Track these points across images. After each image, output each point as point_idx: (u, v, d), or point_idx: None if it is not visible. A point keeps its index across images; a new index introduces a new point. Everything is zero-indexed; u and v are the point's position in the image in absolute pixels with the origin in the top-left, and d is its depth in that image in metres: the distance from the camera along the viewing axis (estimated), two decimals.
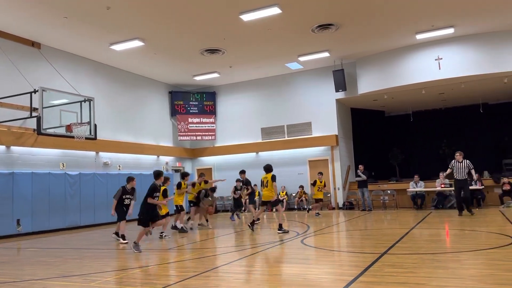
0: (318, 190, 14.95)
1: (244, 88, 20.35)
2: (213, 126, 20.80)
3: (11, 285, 5.73)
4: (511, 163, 19.55)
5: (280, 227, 10.27)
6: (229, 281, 5.52)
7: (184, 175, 12.11)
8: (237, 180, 13.70)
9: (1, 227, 12.13)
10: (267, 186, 10.52)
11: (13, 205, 12.54)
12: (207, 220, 12.92)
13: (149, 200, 8.55)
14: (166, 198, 9.73)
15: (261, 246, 8.32)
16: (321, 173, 15.45)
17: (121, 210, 9.98)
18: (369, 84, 17.10)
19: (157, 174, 8.92)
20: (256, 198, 16.27)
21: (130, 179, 10.18)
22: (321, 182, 14.93)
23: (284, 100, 19.41)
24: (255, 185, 15.54)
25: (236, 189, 13.74)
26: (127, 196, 10.07)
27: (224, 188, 19.90)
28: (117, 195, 9.96)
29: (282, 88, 19.51)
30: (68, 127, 12.29)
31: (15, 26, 12.71)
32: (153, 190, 8.64)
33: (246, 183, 13.61)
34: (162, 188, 9.43)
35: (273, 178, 10.48)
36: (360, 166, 16.62)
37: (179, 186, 11.77)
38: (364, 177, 16.26)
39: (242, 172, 13.77)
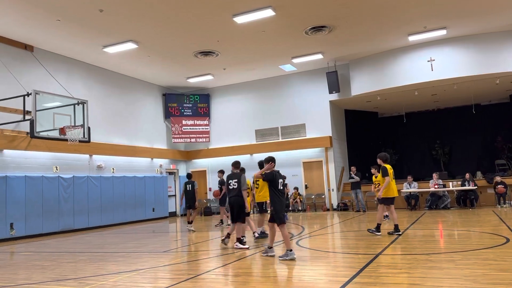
0: None
1: (238, 90, 20.36)
2: (207, 128, 20.79)
3: None
4: (503, 163, 19.73)
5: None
6: (223, 283, 5.52)
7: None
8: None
9: None
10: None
11: (6, 209, 12.45)
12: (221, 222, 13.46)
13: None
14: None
15: (256, 248, 8.33)
16: None
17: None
18: (362, 85, 17.18)
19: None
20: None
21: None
22: None
23: (278, 102, 19.45)
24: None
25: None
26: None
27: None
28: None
29: (276, 90, 19.55)
30: (62, 130, 12.25)
31: (8, 29, 12.64)
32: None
33: (221, 183, 12.81)
34: None
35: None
36: (352, 167, 16.70)
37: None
38: (357, 178, 16.34)
39: (220, 171, 13.20)
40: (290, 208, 18.41)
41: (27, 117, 11.97)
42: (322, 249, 7.76)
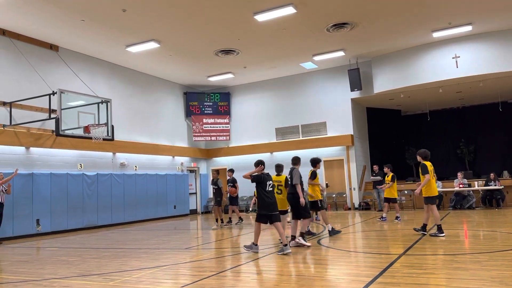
0: None
1: (259, 88, 20.36)
2: (228, 127, 20.86)
3: (34, 283, 5.84)
4: None
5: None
6: (246, 281, 5.53)
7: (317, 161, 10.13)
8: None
9: (21, 227, 12.37)
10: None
11: (33, 205, 12.78)
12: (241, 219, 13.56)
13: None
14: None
15: (277, 246, 8.31)
16: None
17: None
18: (385, 83, 16.94)
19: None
20: None
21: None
22: None
23: (298, 100, 19.36)
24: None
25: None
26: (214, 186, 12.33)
27: (240, 188, 19.94)
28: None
29: (296, 88, 19.47)
30: (86, 129, 12.47)
31: (34, 30, 12.95)
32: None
33: (233, 181, 13.10)
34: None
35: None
36: (374, 166, 16.48)
37: (313, 175, 10.04)
38: (378, 177, 16.13)
39: (231, 170, 13.44)
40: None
41: (52, 115, 12.24)
42: (344, 249, 7.69)
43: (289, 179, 8.33)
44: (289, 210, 8.67)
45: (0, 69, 12.62)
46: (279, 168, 8.51)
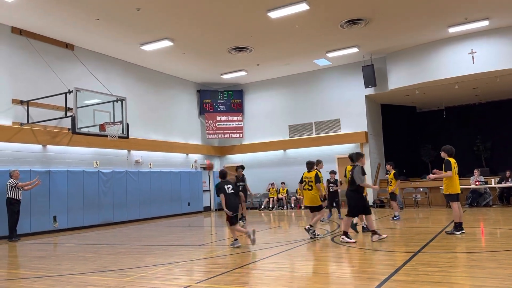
0: None
1: (272, 86, 20.34)
2: (241, 124, 20.89)
3: (51, 279, 5.95)
4: None
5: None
6: (260, 278, 5.54)
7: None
8: (331, 172, 13.37)
9: (38, 223, 12.59)
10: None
11: (50, 202, 12.99)
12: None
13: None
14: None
15: (291, 243, 8.32)
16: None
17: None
18: (400, 79, 16.76)
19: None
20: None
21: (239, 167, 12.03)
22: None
23: (312, 97, 19.28)
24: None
25: (329, 182, 13.12)
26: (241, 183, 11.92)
27: (253, 185, 19.98)
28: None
29: (310, 85, 19.39)
30: (102, 127, 12.62)
31: (50, 29, 13.14)
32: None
33: (243, 179, 12.76)
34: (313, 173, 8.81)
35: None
36: (387, 165, 16.23)
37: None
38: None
39: (240, 167, 13.02)
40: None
41: (68, 114, 12.42)
42: (358, 247, 7.65)
43: (348, 177, 8.32)
44: (325, 206, 8.79)
45: (17, 68, 12.84)
46: (309, 165, 8.95)
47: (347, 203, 8.29)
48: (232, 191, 8.29)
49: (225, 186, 8.23)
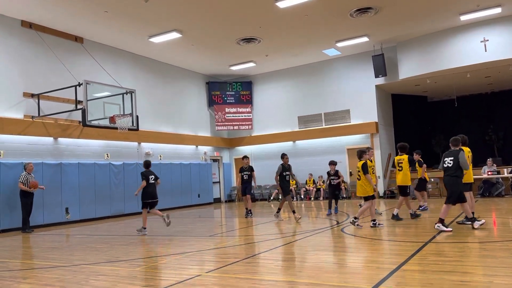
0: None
1: (281, 77, 20.25)
2: (250, 116, 20.87)
3: (63, 269, 6.03)
4: None
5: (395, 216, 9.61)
6: (269, 267, 5.56)
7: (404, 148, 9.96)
8: (331, 163, 12.00)
9: (51, 215, 12.76)
10: (401, 169, 9.54)
11: (62, 194, 13.15)
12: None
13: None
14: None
15: (301, 234, 8.32)
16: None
17: (286, 185, 10.86)
18: (411, 68, 16.57)
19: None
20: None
21: (284, 155, 11.10)
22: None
23: (321, 88, 19.16)
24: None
25: (329, 174, 11.94)
26: (287, 172, 10.89)
27: (262, 177, 20.04)
28: (278, 172, 10.80)
29: (319, 75, 19.26)
30: (112, 119, 12.68)
31: (59, 22, 13.20)
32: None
33: (250, 169, 12.43)
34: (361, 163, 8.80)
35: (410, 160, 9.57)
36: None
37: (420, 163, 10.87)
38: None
39: (245, 157, 12.66)
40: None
41: (79, 106, 12.50)
42: (368, 237, 7.63)
43: (449, 162, 7.84)
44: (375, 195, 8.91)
45: (27, 61, 12.94)
46: (358, 154, 8.96)
47: (448, 189, 7.86)
48: (153, 181, 9.73)
49: (149, 176, 9.66)
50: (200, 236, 9.00)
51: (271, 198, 19.29)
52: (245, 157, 12.67)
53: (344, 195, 17.86)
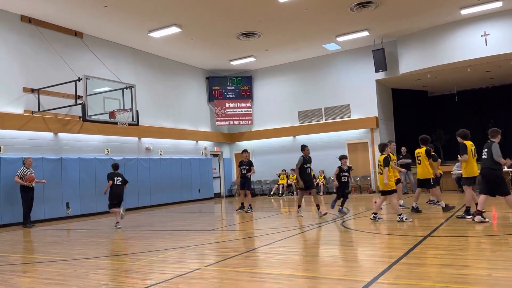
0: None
1: (281, 72, 20.21)
2: (250, 111, 20.85)
3: (64, 263, 6.06)
4: None
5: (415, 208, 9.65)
6: (268, 261, 5.58)
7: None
8: (342, 158, 10.63)
9: (52, 210, 12.79)
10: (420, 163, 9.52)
11: (62, 189, 13.18)
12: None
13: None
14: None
15: (301, 228, 8.34)
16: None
17: (308, 178, 10.12)
18: (411, 63, 16.53)
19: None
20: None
21: (304, 147, 10.26)
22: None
23: (321, 83, 19.14)
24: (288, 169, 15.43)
25: (341, 170, 10.48)
26: (308, 164, 10.15)
27: (262, 172, 20.06)
28: (298, 164, 10.04)
29: (319, 70, 19.23)
30: (112, 114, 12.68)
31: (59, 17, 13.17)
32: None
33: (249, 164, 12.35)
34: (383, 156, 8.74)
35: (428, 152, 9.54)
36: (403, 148, 16.01)
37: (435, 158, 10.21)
38: (408, 160, 15.65)
39: (245, 151, 12.55)
40: (334, 190, 18.12)
41: (79, 101, 12.50)
42: (368, 231, 7.64)
43: (484, 153, 7.91)
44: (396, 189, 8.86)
45: (27, 56, 12.93)
46: (380, 147, 8.96)
47: (484, 181, 7.88)
48: (120, 183, 9.99)
49: (115, 178, 9.97)
50: (201, 230, 9.02)
51: (271, 193, 19.32)
52: (245, 151, 12.62)
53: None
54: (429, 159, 9.64)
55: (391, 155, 8.91)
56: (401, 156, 15.88)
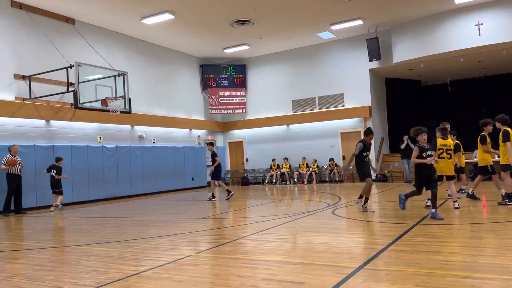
0: None
1: (275, 60, 20.15)
2: (244, 99, 20.81)
3: (56, 250, 6.07)
4: None
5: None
6: (259, 248, 5.63)
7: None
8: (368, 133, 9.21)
9: (44, 198, 12.74)
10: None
11: None
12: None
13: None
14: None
15: (292, 216, 8.40)
16: None
17: (366, 166, 8.64)
18: (405, 52, 16.54)
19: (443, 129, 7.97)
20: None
21: (370, 131, 8.77)
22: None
23: (315, 72, 19.11)
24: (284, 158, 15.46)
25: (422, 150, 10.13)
26: (367, 152, 8.71)
27: (256, 160, 20.11)
28: (357, 150, 8.53)
29: (313, 59, 19.19)
30: (104, 101, 12.62)
31: (50, 2, 13.00)
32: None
33: (213, 155, 12.67)
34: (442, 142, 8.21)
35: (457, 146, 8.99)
36: (405, 136, 15.82)
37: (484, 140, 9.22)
38: (413, 146, 15.49)
39: (210, 144, 13.22)
40: (327, 179, 18.30)
41: (70, 88, 12.41)
42: (358, 218, 7.72)
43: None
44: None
45: (18, 43, 12.77)
46: (444, 131, 8.42)
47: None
48: (54, 174, 11.85)
49: (51, 169, 11.87)
50: (193, 218, 9.06)
51: (265, 181, 19.39)
52: (209, 143, 13.26)
53: (338, 179, 17.99)
54: (484, 144, 9.04)
55: (486, 135, 8.64)
56: (406, 143, 15.43)
